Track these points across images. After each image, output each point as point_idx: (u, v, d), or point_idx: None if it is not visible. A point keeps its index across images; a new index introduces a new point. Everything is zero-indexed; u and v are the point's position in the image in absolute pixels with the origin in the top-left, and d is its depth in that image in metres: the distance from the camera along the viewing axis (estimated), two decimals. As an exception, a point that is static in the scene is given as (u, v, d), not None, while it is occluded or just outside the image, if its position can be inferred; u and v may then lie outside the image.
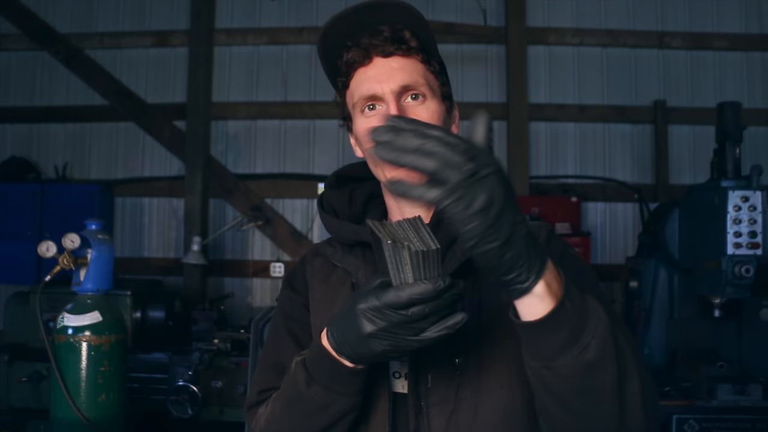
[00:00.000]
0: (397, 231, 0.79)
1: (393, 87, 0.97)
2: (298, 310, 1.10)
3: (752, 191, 2.28)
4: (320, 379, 0.90)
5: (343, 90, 1.04)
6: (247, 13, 3.83)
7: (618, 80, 3.71)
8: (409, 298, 0.75)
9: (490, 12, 3.65)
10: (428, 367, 0.94)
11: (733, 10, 3.68)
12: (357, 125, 1.02)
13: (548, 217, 3.25)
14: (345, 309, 0.84)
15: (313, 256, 1.14)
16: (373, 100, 0.99)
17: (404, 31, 0.98)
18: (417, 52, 0.99)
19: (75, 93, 3.83)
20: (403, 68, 0.98)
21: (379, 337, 0.79)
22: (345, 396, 0.90)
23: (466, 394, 0.93)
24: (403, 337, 0.78)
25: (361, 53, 0.99)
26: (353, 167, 1.16)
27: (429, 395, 0.94)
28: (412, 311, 0.76)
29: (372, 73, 0.98)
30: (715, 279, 2.32)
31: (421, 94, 0.99)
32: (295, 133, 3.80)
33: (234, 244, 3.78)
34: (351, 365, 0.86)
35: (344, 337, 0.84)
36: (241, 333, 2.71)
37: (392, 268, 0.77)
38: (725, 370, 2.36)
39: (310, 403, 0.91)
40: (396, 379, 0.97)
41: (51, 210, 3.39)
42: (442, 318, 0.77)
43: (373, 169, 1.04)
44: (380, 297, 0.77)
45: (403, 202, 1.04)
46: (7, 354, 2.59)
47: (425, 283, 0.75)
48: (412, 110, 0.98)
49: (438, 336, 0.77)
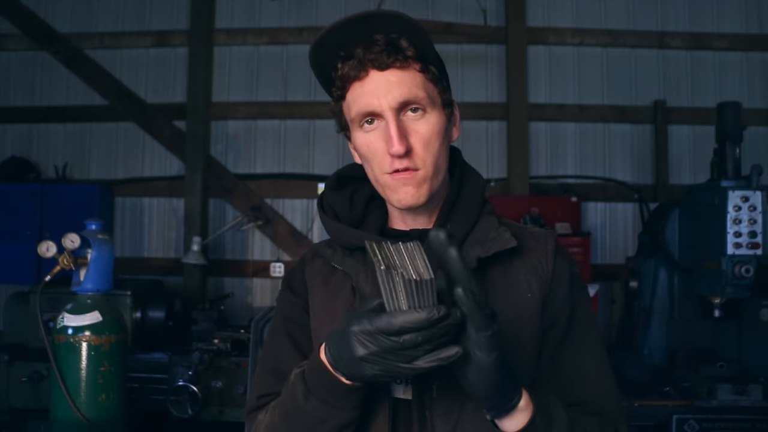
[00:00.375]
0: (392, 256, 0.78)
1: (392, 103, 0.94)
2: (297, 313, 1.09)
3: (752, 191, 2.28)
4: (318, 393, 0.89)
5: (339, 101, 1.01)
6: (247, 13, 3.83)
7: (618, 80, 3.71)
8: (401, 325, 0.75)
9: (490, 12, 3.65)
10: (434, 376, 0.92)
11: (733, 10, 3.68)
12: (356, 139, 1.01)
13: (548, 217, 3.25)
14: (342, 327, 0.83)
15: (312, 258, 1.11)
16: (372, 116, 0.96)
17: (400, 40, 0.94)
18: (415, 60, 0.95)
19: (75, 93, 3.82)
20: (401, 82, 0.94)
21: (371, 361, 0.78)
22: (343, 410, 0.89)
23: (472, 406, 0.92)
24: (395, 363, 0.78)
25: (357, 67, 0.95)
26: (354, 167, 1.13)
27: (434, 405, 0.93)
28: (404, 339, 0.75)
29: (369, 88, 0.95)
30: (715, 279, 2.32)
31: (421, 107, 0.96)
32: (295, 133, 3.80)
33: (234, 244, 3.78)
34: (348, 382, 0.86)
35: (339, 355, 0.83)
36: (241, 333, 2.71)
37: (385, 294, 0.76)
38: (725, 370, 2.36)
39: (308, 417, 0.91)
40: (397, 384, 0.96)
41: (51, 210, 3.38)
42: (437, 347, 0.77)
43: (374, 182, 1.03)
44: (373, 321, 0.77)
45: (406, 211, 1.03)
46: (7, 354, 2.59)
47: (419, 312, 0.74)
48: (412, 125, 0.96)
49: (430, 366, 0.77)
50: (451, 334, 0.77)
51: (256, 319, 2.16)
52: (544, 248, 1.02)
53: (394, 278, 0.75)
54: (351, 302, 1.01)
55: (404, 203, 0.98)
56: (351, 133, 1.02)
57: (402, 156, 0.94)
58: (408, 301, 0.75)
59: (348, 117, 1.00)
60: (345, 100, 0.99)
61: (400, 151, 0.93)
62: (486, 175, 3.63)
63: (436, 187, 1.00)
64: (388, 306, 0.76)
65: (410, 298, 0.75)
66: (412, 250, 0.79)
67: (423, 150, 0.96)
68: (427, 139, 0.96)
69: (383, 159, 0.97)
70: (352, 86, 0.97)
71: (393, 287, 0.75)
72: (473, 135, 3.66)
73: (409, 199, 0.98)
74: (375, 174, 1.00)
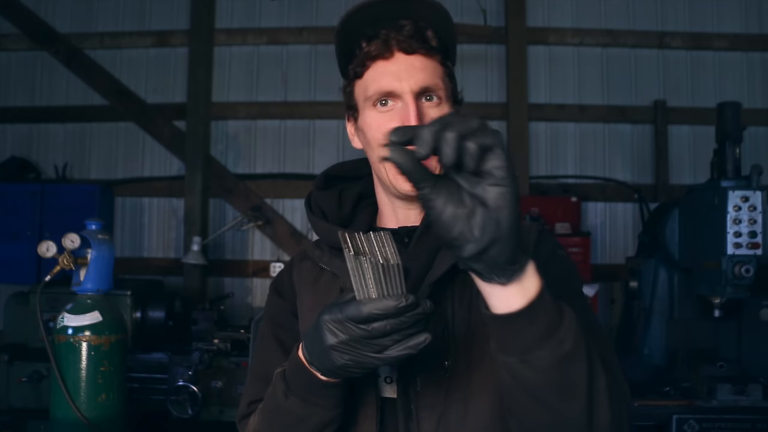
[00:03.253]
0: (362, 244, 0.80)
1: (413, 87, 0.95)
2: (286, 317, 1.08)
3: (752, 191, 2.28)
4: (298, 391, 0.89)
5: (354, 79, 1.01)
6: (247, 13, 3.83)
7: (618, 80, 3.71)
8: (369, 312, 0.75)
9: (490, 12, 3.65)
10: (417, 370, 0.92)
11: (733, 10, 3.68)
12: (366, 119, 1.00)
13: (548, 217, 3.25)
14: (315, 320, 0.83)
15: (300, 260, 1.11)
16: (389, 96, 0.96)
17: (427, 30, 0.96)
18: (438, 52, 0.98)
19: (75, 93, 3.82)
20: (425, 68, 0.96)
21: (340, 350, 0.79)
22: (323, 409, 0.89)
23: (456, 397, 0.92)
24: (365, 353, 0.78)
25: (383, 46, 0.96)
26: (342, 166, 1.13)
27: (418, 399, 0.93)
28: (372, 327, 0.75)
29: (392, 69, 0.96)
30: (715, 279, 2.31)
31: (438, 96, 0.97)
32: (295, 133, 3.80)
33: (234, 244, 3.78)
34: (324, 378, 0.85)
35: (312, 347, 0.83)
36: (241, 333, 2.71)
37: (355, 282, 0.77)
38: (725, 370, 2.36)
39: (289, 416, 0.91)
40: (387, 384, 0.96)
41: (51, 210, 3.38)
42: (407, 337, 0.76)
43: (374, 165, 1.03)
44: (343, 309, 0.77)
45: (398, 201, 1.03)
46: (7, 354, 2.59)
47: (387, 299, 0.75)
48: (427, 111, 0.96)
49: (400, 355, 0.77)
50: (421, 324, 0.77)
51: (256, 320, 2.17)
52: (527, 239, 1.01)
53: (363, 264, 0.76)
54: None
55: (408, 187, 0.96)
56: (360, 113, 1.02)
57: None
58: (377, 288, 0.76)
59: (362, 95, 1.00)
60: (362, 78, 0.99)
61: None
62: (486, 175, 3.64)
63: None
64: (358, 294, 0.77)
65: (379, 285, 0.76)
66: (382, 239, 0.81)
67: None
68: None
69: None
70: (375, 64, 0.97)
71: (362, 274, 0.76)
72: (473, 135, 3.65)
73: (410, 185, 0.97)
74: (378, 156, 0.99)
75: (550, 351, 0.73)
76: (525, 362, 0.74)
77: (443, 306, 0.95)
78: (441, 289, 0.95)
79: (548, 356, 0.73)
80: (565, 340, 0.74)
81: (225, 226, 3.73)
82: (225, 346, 2.67)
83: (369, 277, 0.76)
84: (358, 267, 0.76)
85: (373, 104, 0.98)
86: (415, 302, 0.75)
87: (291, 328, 1.06)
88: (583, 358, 0.76)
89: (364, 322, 0.76)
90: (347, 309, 0.77)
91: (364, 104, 1.00)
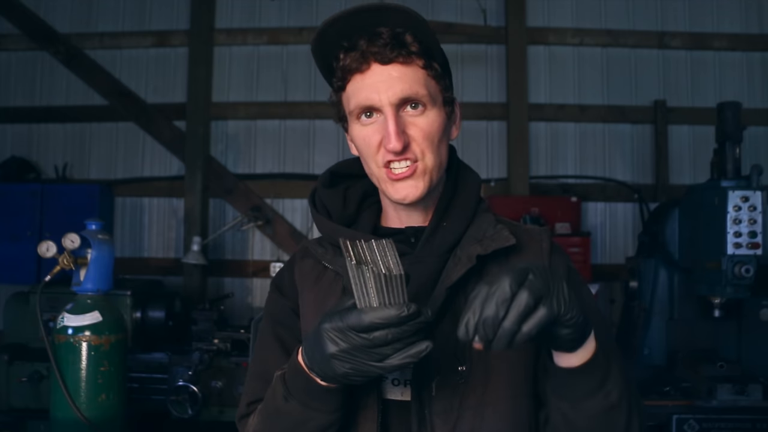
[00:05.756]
0: (364, 252, 0.79)
1: (392, 99, 0.93)
2: (286, 315, 1.06)
3: (752, 191, 2.29)
4: (297, 395, 0.88)
5: (339, 92, 1.00)
6: (247, 13, 3.82)
7: (618, 80, 3.71)
8: (371, 321, 0.75)
9: (490, 12, 3.65)
10: (432, 374, 0.91)
11: (733, 10, 3.68)
12: (353, 131, 1.00)
13: (548, 217, 3.25)
14: (316, 326, 0.83)
15: (302, 257, 1.08)
16: (371, 110, 0.95)
17: (405, 35, 0.93)
18: (418, 56, 0.94)
19: (75, 93, 3.82)
20: (403, 77, 0.93)
21: (341, 358, 0.78)
22: (322, 413, 0.88)
23: (471, 403, 0.91)
24: (365, 361, 0.77)
25: (359, 59, 0.93)
26: (347, 164, 1.12)
27: (433, 403, 0.91)
28: (374, 336, 0.75)
29: (369, 82, 0.93)
30: (715, 279, 2.32)
31: (421, 104, 0.95)
32: (295, 133, 3.80)
33: (234, 244, 3.78)
34: (324, 384, 0.85)
35: (313, 354, 0.83)
36: (241, 333, 2.71)
37: (356, 290, 0.77)
38: (725, 370, 2.36)
39: (289, 419, 0.90)
40: (395, 386, 0.95)
41: (51, 210, 3.38)
42: (408, 345, 0.76)
43: (369, 174, 1.02)
44: (344, 318, 0.77)
45: (401, 207, 1.03)
46: (7, 354, 2.59)
47: (389, 309, 0.74)
48: (411, 121, 0.95)
49: (401, 364, 0.77)
50: (423, 333, 0.77)
51: (256, 319, 2.17)
52: (539, 245, 1.02)
53: (365, 273, 0.75)
54: None
55: (402, 195, 0.97)
56: (349, 126, 1.01)
57: (399, 152, 0.94)
58: (378, 297, 0.75)
59: (347, 109, 0.99)
60: (345, 92, 0.98)
61: (396, 148, 0.92)
62: (486, 175, 3.64)
63: (435, 181, 0.99)
64: (359, 302, 0.77)
65: (380, 294, 0.75)
66: (384, 248, 0.80)
67: (422, 141, 0.95)
68: (426, 131, 0.95)
69: (380, 153, 0.96)
70: (353, 78, 0.95)
71: (363, 282, 0.76)
72: (473, 135, 3.66)
73: (407, 192, 0.96)
74: (371, 167, 0.99)
75: (598, 401, 0.86)
76: (575, 409, 0.87)
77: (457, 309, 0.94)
78: (455, 292, 0.95)
79: (596, 406, 0.86)
80: (612, 392, 0.86)
81: (225, 226, 3.72)
82: (225, 346, 2.67)
83: (371, 286, 0.75)
84: (359, 276, 0.76)
85: (357, 117, 0.97)
86: (416, 311, 0.75)
87: (291, 326, 1.05)
88: (626, 406, 0.88)
89: (365, 331, 0.76)
90: (348, 318, 0.76)
91: (350, 117, 0.99)
